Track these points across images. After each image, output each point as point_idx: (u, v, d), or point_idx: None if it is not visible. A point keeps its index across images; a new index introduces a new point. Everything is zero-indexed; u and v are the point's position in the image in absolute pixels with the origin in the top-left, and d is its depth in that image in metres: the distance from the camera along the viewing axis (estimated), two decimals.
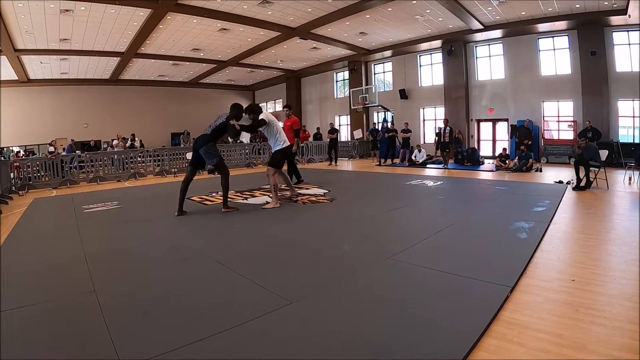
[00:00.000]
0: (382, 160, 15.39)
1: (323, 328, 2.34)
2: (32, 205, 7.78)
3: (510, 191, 7.75)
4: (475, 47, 17.08)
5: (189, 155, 13.23)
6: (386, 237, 4.58)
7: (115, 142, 15.81)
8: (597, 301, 2.64)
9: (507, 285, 2.85)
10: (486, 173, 11.36)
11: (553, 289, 2.87)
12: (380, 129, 17.54)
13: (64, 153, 13.30)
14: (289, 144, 6.44)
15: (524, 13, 13.55)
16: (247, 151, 15.81)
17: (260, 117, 6.20)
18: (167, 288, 3.04)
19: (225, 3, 12.53)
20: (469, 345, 2.08)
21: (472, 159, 13.72)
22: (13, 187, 9.98)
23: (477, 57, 17.20)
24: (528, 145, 12.28)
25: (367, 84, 20.76)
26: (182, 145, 18.77)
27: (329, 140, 15.84)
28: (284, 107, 8.79)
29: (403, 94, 19.40)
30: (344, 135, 23.00)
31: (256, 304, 2.65)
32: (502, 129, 16.64)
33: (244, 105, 6.28)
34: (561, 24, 13.88)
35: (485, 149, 17.11)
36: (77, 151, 14.00)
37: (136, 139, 18.20)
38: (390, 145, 15.59)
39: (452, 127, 14.12)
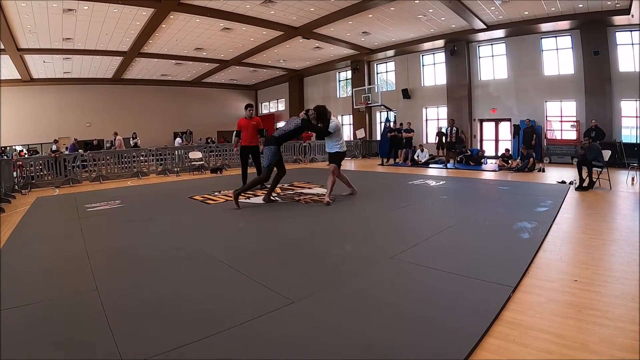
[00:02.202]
0: (385, 160, 15.37)
1: (325, 327, 2.33)
2: (35, 204, 7.80)
3: (512, 191, 7.73)
4: (478, 46, 17.07)
5: (192, 155, 13.39)
6: (388, 237, 4.58)
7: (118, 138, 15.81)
8: (600, 302, 2.63)
9: (509, 285, 2.85)
10: (489, 173, 11.33)
11: (555, 289, 2.86)
12: (382, 128, 17.54)
13: (66, 152, 13.33)
14: (345, 149, 6.74)
15: (527, 13, 13.53)
16: None
17: (332, 125, 6.41)
18: (169, 287, 3.04)
19: (227, 2, 12.55)
20: (471, 345, 2.08)
21: (477, 160, 13.68)
22: (16, 186, 10.01)
23: (479, 57, 17.19)
24: (532, 146, 12.16)
25: (369, 84, 20.77)
26: (184, 144, 18.73)
27: None
28: (246, 107, 8.62)
29: (406, 94, 19.39)
30: (347, 135, 22.98)
31: (258, 303, 2.65)
32: (505, 128, 16.61)
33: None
34: (564, 24, 13.86)
35: (488, 149, 17.09)
36: (79, 150, 14.03)
37: (137, 137, 18.23)
38: (392, 145, 15.55)
39: (458, 128, 14.07)
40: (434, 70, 18.99)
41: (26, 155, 15.17)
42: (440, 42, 17.40)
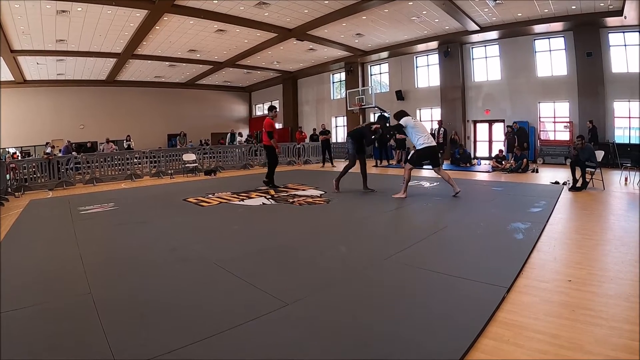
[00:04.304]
0: (378, 162, 15.37)
1: (319, 329, 2.33)
2: (29, 207, 7.74)
3: (506, 192, 7.76)
4: (472, 48, 17.15)
5: (186, 157, 13.34)
6: (383, 238, 4.58)
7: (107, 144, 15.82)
8: (594, 302, 2.64)
9: (503, 286, 2.86)
10: (482, 174, 11.37)
11: (550, 289, 2.88)
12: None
13: (60, 154, 13.23)
14: (431, 144, 6.93)
15: (520, 14, 13.60)
16: (243, 152, 15.76)
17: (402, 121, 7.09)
18: (163, 289, 3.02)
19: (221, 4, 12.52)
20: (466, 346, 2.08)
21: (469, 160, 13.70)
22: (9, 189, 9.92)
23: (473, 59, 17.26)
24: (520, 150, 12.05)
25: (363, 85, 20.75)
26: (178, 147, 18.66)
27: (322, 141, 15.72)
28: (271, 108, 8.76)
29: (399, 95, 19.42)
30: (340, 136, 22.99)
31: (253, 305, 2.64)
32: (499, 130, 16.68)
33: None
34: (557, 25, 13.96)
35: (481, 150, 17.16)
36: (73, 152, 13.93)
37: (131, 139, 18.18)
38: (380, 144, 15.44)
39: (446, 129, 14.10)
40: (427, 71, 19.04)
41: (19, 158, 15.05)
42: (433, 44, 17.46)
